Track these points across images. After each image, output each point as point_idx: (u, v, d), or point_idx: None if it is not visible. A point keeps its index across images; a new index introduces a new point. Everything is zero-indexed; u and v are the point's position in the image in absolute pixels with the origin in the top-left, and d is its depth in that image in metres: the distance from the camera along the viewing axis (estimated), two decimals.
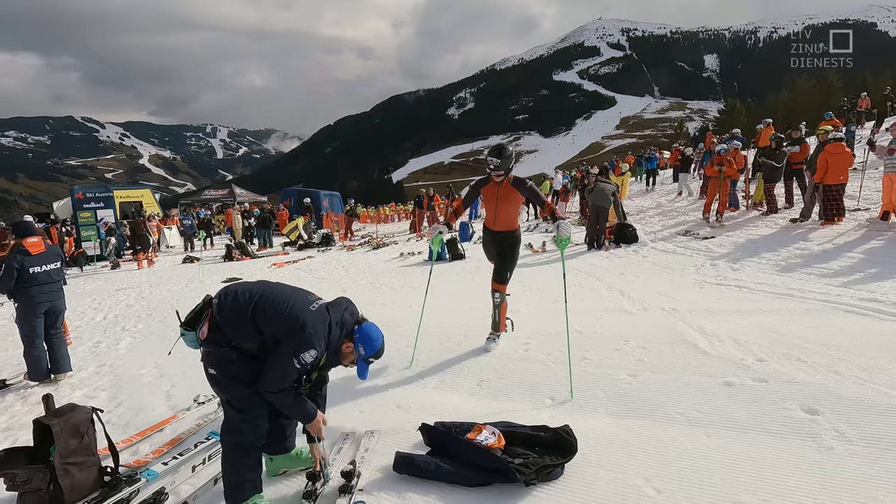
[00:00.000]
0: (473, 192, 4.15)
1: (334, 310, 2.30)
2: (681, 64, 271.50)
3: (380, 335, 2.34)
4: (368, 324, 2.35)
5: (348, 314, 2.34)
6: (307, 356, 2.10)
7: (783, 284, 5.33)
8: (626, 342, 3.96)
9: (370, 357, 2.30)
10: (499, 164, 3.85)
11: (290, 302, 2.19)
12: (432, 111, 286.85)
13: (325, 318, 2.22)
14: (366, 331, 2.30)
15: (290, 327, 2.12)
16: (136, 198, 22.55)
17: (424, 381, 3.64)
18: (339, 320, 2.27)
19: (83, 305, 8.34)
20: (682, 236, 9.26)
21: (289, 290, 2.34)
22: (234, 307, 2.19)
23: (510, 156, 3.89)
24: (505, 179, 3.91)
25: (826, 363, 3.15)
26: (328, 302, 2.35)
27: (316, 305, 2.24)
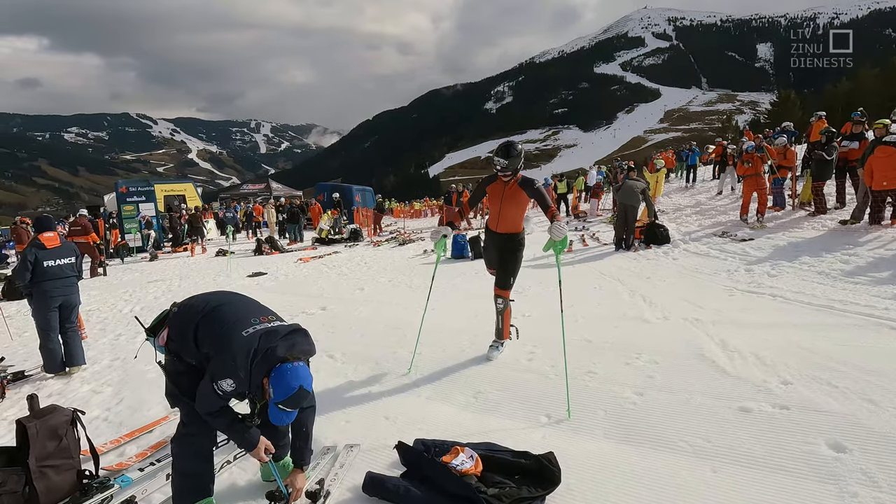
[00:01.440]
0: (480, 189, 3.96)
1: (266, 339, 2.01)
2: (731, 54, 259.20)
3: (296, 382, 1.94)
4: (291, 365, 1.97)
5: (282, 348, 2.00)
6: (225, 384, 1.95)
7: (823, 294, 4.86)
8: (639, 355, 3.68)
9: (279, 403, 1.93)
10: (506, 165, 3.61)
11: (229, 323, 2.05)
12: (470, 105, 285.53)
13: (251, 346, 1.97)
14: (281, 372, 1.94)
15: (216, 350, 2.00)
16: (180, 191, 23.52)
17: (419, 390, 3.49)
18: (266, 352, 1.97)
19: (115, 297, 8.65)
20: (719, 237, 8.72)
21: (241, 308, 2.19)
22: (184, 320, 2.13)
23: (518, 154, 3.65)
24: (512, 179, 3.68)
25: (860, 390, 2.79)
26: (269, 328, 2.08)
27: (250, 331, 2.02)
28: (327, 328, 5.46)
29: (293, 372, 1.96)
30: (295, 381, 1.94)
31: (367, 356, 4.33)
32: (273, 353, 1.99)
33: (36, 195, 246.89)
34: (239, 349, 1.96)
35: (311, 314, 6.18)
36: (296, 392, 1.93)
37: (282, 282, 9.11)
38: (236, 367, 1.94)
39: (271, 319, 2.15)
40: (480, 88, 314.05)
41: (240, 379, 1.96)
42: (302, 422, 2.25)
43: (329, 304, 6.68)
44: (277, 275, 9.89)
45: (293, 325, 2.17)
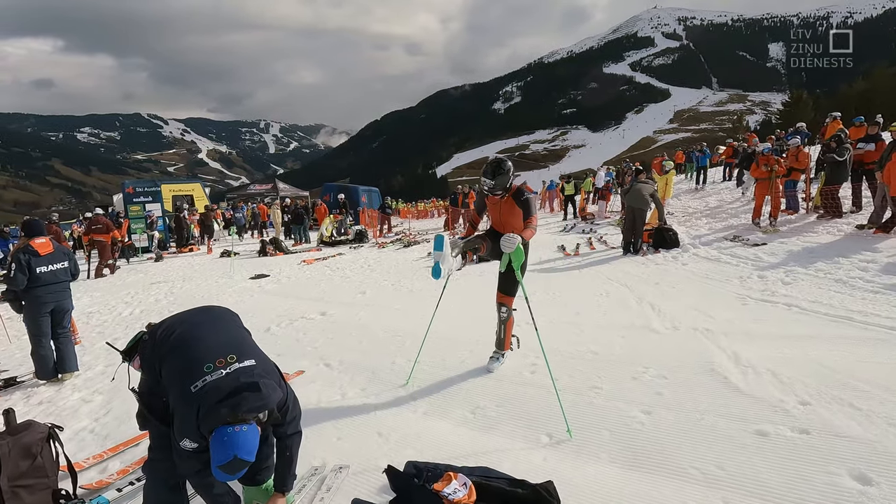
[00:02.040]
0: (480, 200, 3.81)
1: (214, 393, 1.80)
2: (742, 53, 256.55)
3: (230, 451, 1.71)
4: (230, 431, 1.74)
5: (225, 408, 1.76)
6: (186, 443, 1.83)
7: (842, 304, 4.64)
8: (646, 369, 3.50)
9: (217, 466, 1.73)
10: (493, 186, 3.48)
11: (183, 374, 1.89)
12: (478, 106, 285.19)
13: (197, 405, 1.79)
14: (218, 437, 1.74)
15: (174, 404, 1.88)
16: (188, 191, 23.54)
17: (415, 405, 3.34)
18: (210, 408, 1.78)
19: (116, 299, 8.58)
20: (730, 242, 8.48)
21: (202, 346, 1.97)
22: (151, 353, 2.03)
23: (506, 172, 3.48)
24: (506, 195, 3.55)
25: (887, 413, 2.59)
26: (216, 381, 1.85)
27: (199, 385, 1.83)
28: (327, 334, 5.33)
29: (230, 439, 1.74)
30: (230, 449, 1.72)
31: (365, 365, 4.19)
32: (216, 413, 1.78)
33: (49, 194, 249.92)
34: (188, 411, 1.81)
35: (310, 319, 6.05)
36: (229, 462, 1.72)
37: (284, 284, 9.01)
38: (189, 427, 1.81)
39: (229, 361, 1.92)
40: (489, 88, 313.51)
41: (195, 437, 1.82)
42: (286, 446, 2.13)
43: (330, 308, 6.55)
44: (280, 277, 9.79)
45: (248, 372, 1.92)
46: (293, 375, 4.00)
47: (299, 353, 4.70)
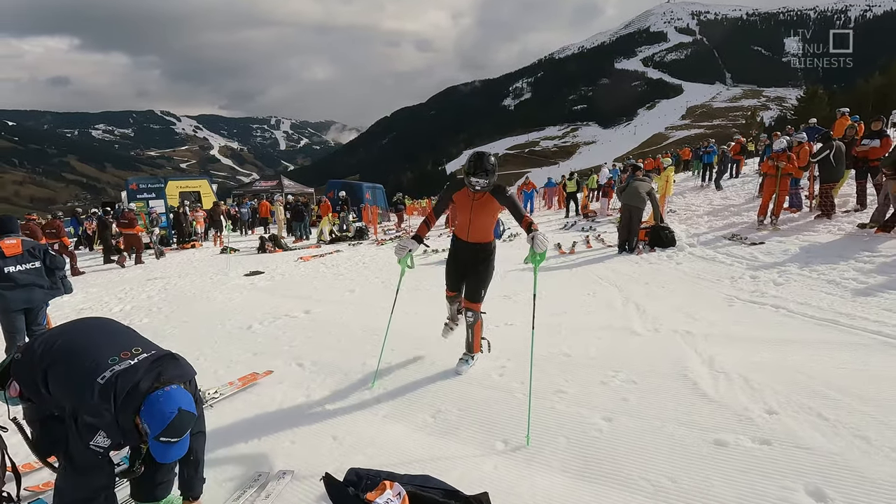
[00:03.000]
0: (445, 198, 3.63)
1: (125, 378, 1.77)
2: (757, 48, 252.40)
3: (172, 406, 1.72)
4: (161, 392, 1.76)
5: (146, 381, 1.78)
6: (100, 440, 1.75)
7: (830, 307, 4.48)
8: (616, 373, 3.40)
9: (160, 437, 1.70)
10: (486, 185, 3.35)
11: (83, 372, 1.81)
12: (488, 102, 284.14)
13: (110, 392, 1.74)
14: (151, 403, 1.73)
15: (76, 407, 1.77)
16: (195, 188, 23.77)
17: (377, 407, 3.28)
18: (128, 392, 1.74)
19: (111, 295, 8.64)
20: (729, 240, 8.30)
21: (97, 346, 1.92)
22: (28, 369, 1.92)
23: (494, 168, 3.34)
24: (485, 192, 3.42)
25: (854, 424, 2.47)
26: (127, 367, 1.83)
27: (107, 375, 1.78)
28: (307, 333, 5.29)
29: (166, 397, 1.75)
30: (170, 405, 1.72)
31: (337, 366, 4.13)
32: (137, 389, 1.77)
33: (65, 190, 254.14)
34: (99, 404, 1.74)
35: (293, 317, 6.01)
36: (175, 417, 1.71)
37: (277, 282, 8.99)
38: (101, 421, 1.74)
39: (135, 353, 1.90)
40: (499, 85, 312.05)
41: (112, 430, 1.75)
42: (191, 448, 2.02)
43: (316, 306, 6.51)
44: (274, 274, 9.78)
45: (158, 354, 1.94)
46: (262, 375, 3.96)
47: (275, 353, 4.66)
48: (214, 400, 3.50)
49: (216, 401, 3.50)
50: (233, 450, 2.79)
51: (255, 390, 3.74)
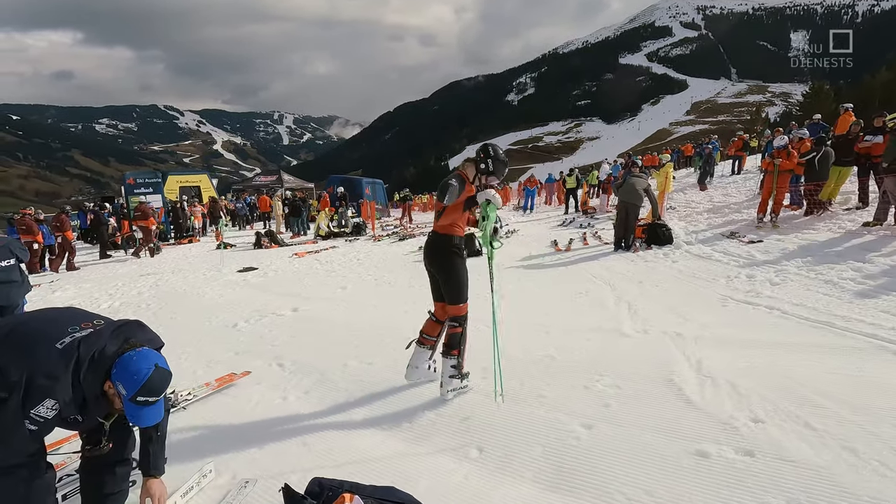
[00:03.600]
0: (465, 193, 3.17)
1: (88, 344, 1.73)
2: (763, 43, 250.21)
3: (146, 365, 1.71)
4: (134, 352, 1.75)
5: (112, 344, 1.77)
6: (43, 410, 1.62)
7: (826, 308, 4.35)
8: (601, 377, 3.29)
9: (136, 396, 1.68)
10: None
11: (37, 338, 1.74)
12: (491, 97, 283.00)
13: (71, 357, 1.69)
14: (125, 363, 1.71)
15: (26, 372, 1.64)
16: (195, 182, 23.71)
17: (352, 411, 3.18)
18: (93, 357, 1.71)
19: (102, 290, 8.57)
20: (727, 238, 8.16)
21: (54, 320, 1.87)
22: None
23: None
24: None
25: (843, 435, 2.35)
26: (90, 332, 1.81)
27: (67, 341, 1.73)
28: (292, 331, 5.20)
29: (140, 356, 1.75)
30: (146, 362, 1.73)
31: (317, 366, 4.04)
32: (103, 353, 1.75)
33: (69, 184, 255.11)
34: (57, 364, 1.67)
35: (280, 315, 5.92)
36: (151, 373, 1.71)
37: (269, 278, 8.91)
38: (57, 384, 1.64)
39: (96, 324, 1.87)
40: (502, 80, 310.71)
41: (63, 396, 1.66)
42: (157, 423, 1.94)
43: (304, 304, 6.42)
44: (267, 270, 9.70)
45: (122, 320, 1.92)
46: (239, 376, 3.87)
47: (257, 352, 4.57)
48: (188, 402, 3.40)
49: (189, 402, 3.41)
50: (198, 455, 2.69)
51: (231, 391, 3.65)
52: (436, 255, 3.20)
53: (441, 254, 3.17)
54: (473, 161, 3.27)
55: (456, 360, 3.21)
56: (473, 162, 3.26)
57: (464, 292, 3.18)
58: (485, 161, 3.22)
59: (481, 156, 3.24)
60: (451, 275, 3.14)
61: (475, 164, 3.24)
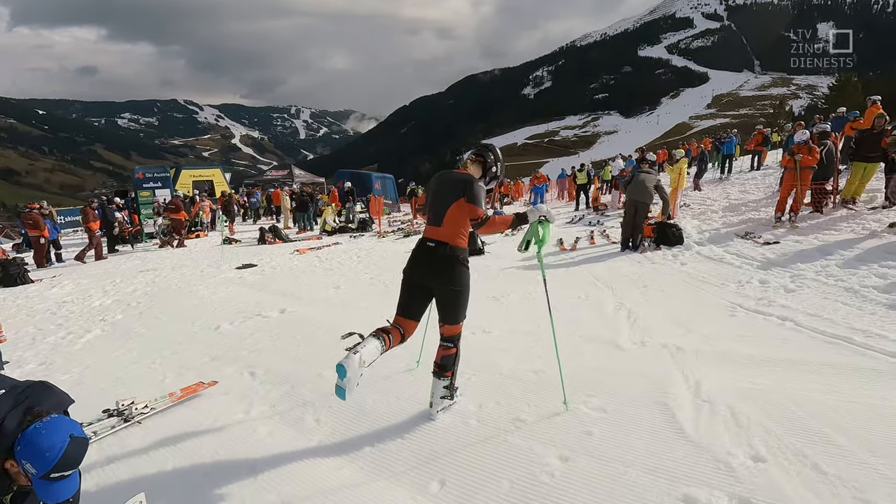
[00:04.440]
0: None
1: None
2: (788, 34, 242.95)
3: (59, 438, 1.50)
4: (41, 424, 1.52)
5: (13, 418, 1.54)
6: None
7: (845, 320, 3.96)
8: (588, 398, 2.98)
9: (50, 474, 1.47)
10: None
11: None
12: (507, 91, 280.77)
13: None
14: (31, 438, 1.49)
15: None
16: (208, 177, 23.81)
17: (312, 431, 2.94)
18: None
19: (98, 287, 8.48)
20: (741, 239, 7.72)
21: None
22: None
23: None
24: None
25: (858, 482, 2.01)
26: None
27: None
28: (272, 336, 4.98)
29: (50, 427, 1.52)
30: (59, 435, 1.50)
31: (290, 376, 3.81)
32: (2, 429, 1.52)
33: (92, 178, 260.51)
34: None
35: (266, 317, 5.72)
36: (67, 446, 1.49)
37: (266, 276, 8.73)
38: None
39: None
40: (519, 73, 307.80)
41: None
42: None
43: (293, 305, 6.21)
44: (265, 267, 9.53)
45: (23, 385, 1.67)
46: (206, 386, 3.65)
47: (233, 358, 4.36)
48: (144, 416, 3.20)
49: (146, 416, 3.20)
50: (134, 482, 2.47)
51: (194, 403, 3.43)
52: (443, 270, 2.72)
53: (450, 269, 2.72)
54: (478, 163, 2.94)
55: (449, 380, 2.91)
56: (479, 164, 2.94)
57: (464, 312, 2.85)
58: (495, 164, 2.96)
59: (492, 158, 2.95)
60: (460, 295, 2.76)
61: (482, 166, 2.94)
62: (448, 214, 2.73)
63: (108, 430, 3.04)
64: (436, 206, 2.80)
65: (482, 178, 2.93)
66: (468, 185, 2.69)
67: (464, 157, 3.14)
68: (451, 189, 2.74)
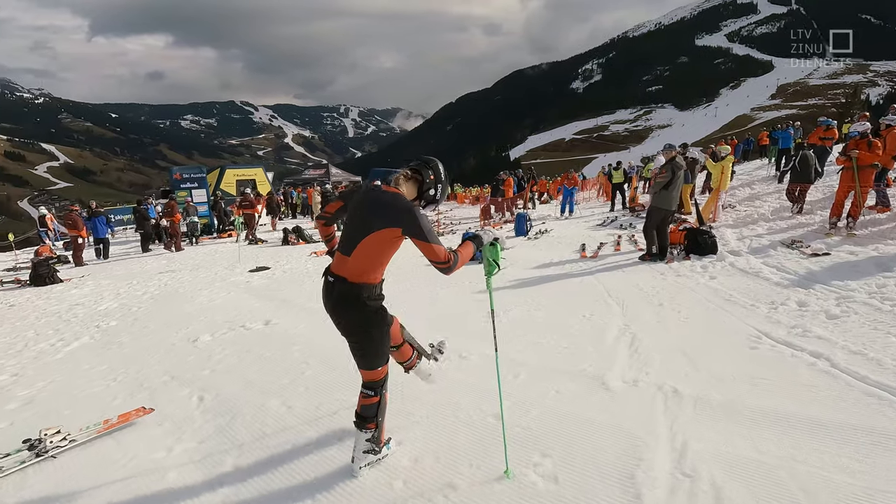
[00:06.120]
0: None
1: None
2: (865, 17, 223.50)
3: None
4: None
5: None
6: None
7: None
8: (542, 460, 2.45)
9: None
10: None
11: None
12: (555, 85, 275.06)
13: None
14: None
15: None
16: (251, 176, 24.45)
17: (230, 480, 2.57)
18: None
19: (112, 289, 8.61)
20: (786, 248, 6.78)
21: None
22: None
23: None
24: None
25: None
26: None
27: None
28: (243, 351, 4.71)
29: None
30: None
31: (235, 404, 3.48)
32: None
33: (158, 176, 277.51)
34: None
35: (248, 329, 5.47)
36: None
37: (273, 280, 8.58)
38: None
39: None
40: (567, 67, 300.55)
41: None
42: None
43: (282, 315, 5.95)
44: (277, 271, 9.40)
45: None
46: (142, 413, 3.36)
47: (190, 378, 4.10)
48: (60, 449, 2.94)
49: (61, 451, 2.94)
50: None
51: (121, 435, 3.16)
52: (344, 312, 2.31)
53: (351, 311, 2.28)
54: (413, 179, 2.41)
55: (372, 433, 2.43)
56: (413, 181, 2.41)
57: (383, 356, 2.40)
58: (434, 186, 2.43)
59: (431, 177, 2.41)
60: (367, 338, 2.32)
61: (417, 184, 2.41)
62: (362, 245, 2.21)
63: (17, 465, 2.81)
64: (350, 232, 2.28)
65: (415, 201, 2.43)
66: (406, 216, 2.15)
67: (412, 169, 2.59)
68: (376, 213, 2.20)
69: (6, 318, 7.05)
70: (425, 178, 2.41)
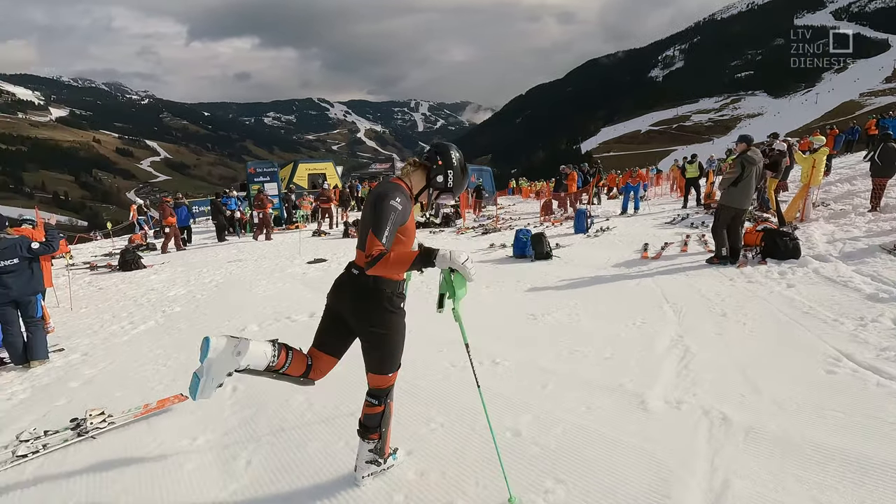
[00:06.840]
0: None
1: None
2: None
3: None
4: None
5: None
6: None
7: None
8: (554, 486, 2.22)
9: None
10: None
11: None
12: (632, 74, 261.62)
13: None
14: None
15: None
16: (321, 170, 25.63)
17: (252, 476, 2.59)
18: None
19: (187, 276, 9.25)
20: (887, 254, 5.89)
21: None
22: None
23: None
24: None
25: None
26: None
27: None
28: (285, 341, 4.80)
29: None
30: None
31: (261, 397, 3.55)
32: None
33: (244, 170, 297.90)
34: None
35: (293, 321, 5.66)
36: None
37: (328, 272, 8.80)
38: None
39: None
40: (645, 55, 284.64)
41: None
42: None
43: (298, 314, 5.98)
44: (333, 263, 9.65)
45: None
46: (177, 401, 3.50)
47: None
48: (99, 431, 3.12)
49: (101, 432, 3.12)
50: None
51: (153, 420, 3.31)
52: (363, 307, 2.17)
53: (370, 306, 2.15)
54: (422, 167, 2.29)
55: (375, 443, 2.32)
56: (422, 168, 2.29)
57: (397, 359, 2.26)
58: (443, 172, 2.25)
59: (439, 162, 2.24)
60: (384, 339, 2.18)
61: (425, 171, 2.28)
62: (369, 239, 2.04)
63: (60, 443, 3.01)
64: (361, 225, 2.23)
65: (425, 191, 2.29)
66: (375, 202, 2.06)
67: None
68: (368, 206, 2.15)
69: (92, 300, 7.77)
70: (433, 164, 2.25)
